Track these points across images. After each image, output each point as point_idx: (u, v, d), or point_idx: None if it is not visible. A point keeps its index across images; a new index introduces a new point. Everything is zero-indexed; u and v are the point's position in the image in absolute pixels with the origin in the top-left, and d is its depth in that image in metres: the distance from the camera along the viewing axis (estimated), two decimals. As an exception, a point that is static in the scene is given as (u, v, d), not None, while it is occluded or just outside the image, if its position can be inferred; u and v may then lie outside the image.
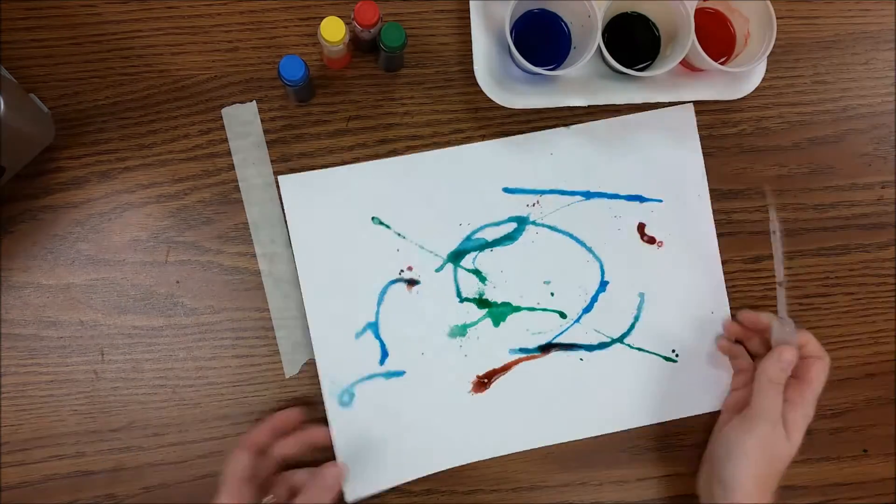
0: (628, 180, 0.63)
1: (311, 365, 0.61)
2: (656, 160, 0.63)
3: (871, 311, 0.66)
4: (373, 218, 0.61)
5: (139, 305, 0.60)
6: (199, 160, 0.61)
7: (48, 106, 0.59)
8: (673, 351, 0.63)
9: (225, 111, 0.61)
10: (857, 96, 0.66)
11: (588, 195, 0.63)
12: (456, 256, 0.61)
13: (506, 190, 0.62)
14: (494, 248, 0.62)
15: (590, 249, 0.62)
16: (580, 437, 0.62)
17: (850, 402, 0.65)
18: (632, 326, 0.62)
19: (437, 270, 0.61)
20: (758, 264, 0.64)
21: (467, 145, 0.62)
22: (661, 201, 0.63)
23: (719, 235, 0.64)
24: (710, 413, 0.63)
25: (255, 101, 0.61)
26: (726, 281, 0.64)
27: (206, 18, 0.61)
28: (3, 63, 0.58)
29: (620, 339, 0.62)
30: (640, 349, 0.63)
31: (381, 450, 0.60)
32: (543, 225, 0.62)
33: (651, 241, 0.63)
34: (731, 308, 0.64)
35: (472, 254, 0.61)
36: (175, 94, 0.61)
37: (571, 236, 0.62)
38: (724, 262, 0.64)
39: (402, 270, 0.61)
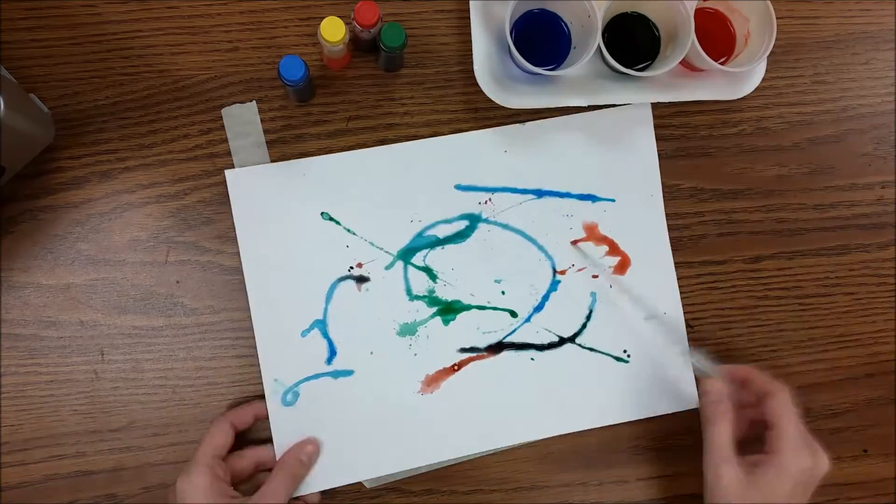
0: (581, 179, 0.62)
1: (311, 365, 0.61)
2: (610, 159, 0.62)
3: (871, 311, 0.66)
4: (322, 213, 0.60)
5: (139, 305, 0.60)
6: (199, 160, 0.61)
7: (48, 106, 0.59)
8: (625, 352, 0.62)
9: (225, 111, 0.61)
10: (857, 96, 0.66)
11: (540, 193, 0.62)
12: (406, 254, 0.61)
13: (458, 187, 0.61)
14: (446, 246, 0.61)
15: (541, 248, 0.62)
16: (533, 439, 0.61)
17: (850, 402, 0.65)
18: (583, 326, 0.62)
19: (387, 268, 0.61)
20: (757, 264, 0.64)
21: (419, 141, 0.61)
22: (613, 201, 0.62)
23: (720, 235, 0.64)
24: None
25: (255, 101, 0.61)
26: (728, 281, 0.64)
27: (206, 18, 0.61)
28: (3, 63, 0.58)
29: (571, 339, 0.62)
30: (591, 349, 0.62)
31: (328, 449, 0.59)
32: (495, 223, 0.61)
33: (602, 240, 0.62)
34: (684, 308, 0.63)
35: (423, 251, 0.61)
36: (175, 94, 0.61)
37: (523, 235, 0.62)
38: (724, 262, 0.64)
39: (351, 267, 0.60)
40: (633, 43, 0.62)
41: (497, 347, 0.61)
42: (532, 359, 0.61)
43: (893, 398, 0.66)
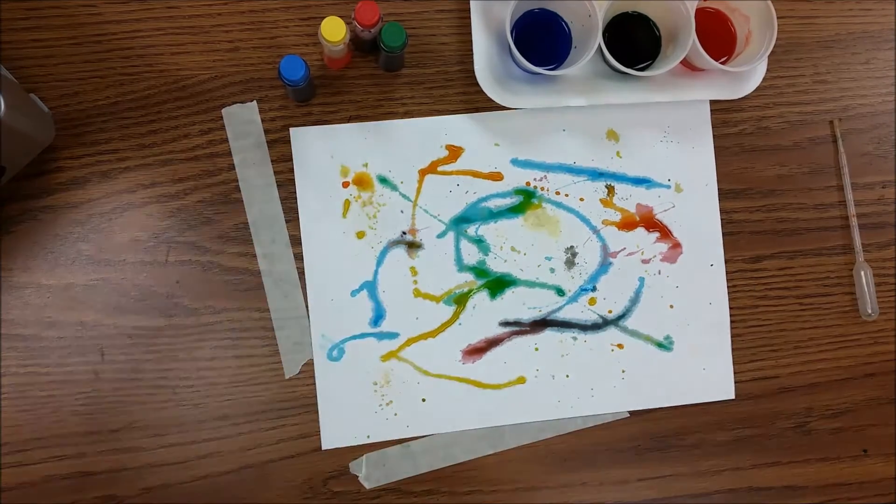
0: (637, 164, 0.63)
1: (311, 364, 0.61)
2: (668, 148, 0.63)
3: (871, 311, 0.66)
4: (379, 177, 0.61)
5: (139, 306, 0.60)
6: (199, 160, 0.61)
7: (48, 106, 0.59)
8: (667, 338, 0.63)
9: (225, 111, 0.61)
10: (858, 96, 0.66)
11: (595, 175, 0.63)
12: (459, 224, 0.62)
13: (514, 162, 0.62)
14: (499, 220, 0.62)
15: (594, 229, 0.63)
16: (569, 416, 0.62)
17: (850, 402, 0.65)
18: (628, 310, 0.63)
19: (440, 236, 0.62)
20: (757, 264, 0.64)
21: (480, 114, 0.62)
22: (668, 187, 0.63)
23: (721, 235, 0.64)
24: (703, 404, 0.63)
25: (255, 101, 0.61)
26: (728, 281, 0.64)
27: (206, 18, 0.61)
28: (4, 63, 0.58)
29: (615, 322, 0.63)
30: (634, 332, 0.63)
31: (365, 406, 0.61)
32: (550, 200, 0.62)
33: (654, 225, 0.63)
34: (729, 302, 0.64)
35: (476, 223, 0.62)
36: (175, 94, 0.61)
37: (577, 214, 0.62)
38: (724, 262, 0.64)
39: (404, 233, 0.61)
40: (633, 43, 0.62)
41: (541, 324, 0.62)
42: (574, 338, 0.62)
43: (893, 398, 0.66)
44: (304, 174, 0.61)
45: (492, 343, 0.62)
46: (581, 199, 0.63)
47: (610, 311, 0.63)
